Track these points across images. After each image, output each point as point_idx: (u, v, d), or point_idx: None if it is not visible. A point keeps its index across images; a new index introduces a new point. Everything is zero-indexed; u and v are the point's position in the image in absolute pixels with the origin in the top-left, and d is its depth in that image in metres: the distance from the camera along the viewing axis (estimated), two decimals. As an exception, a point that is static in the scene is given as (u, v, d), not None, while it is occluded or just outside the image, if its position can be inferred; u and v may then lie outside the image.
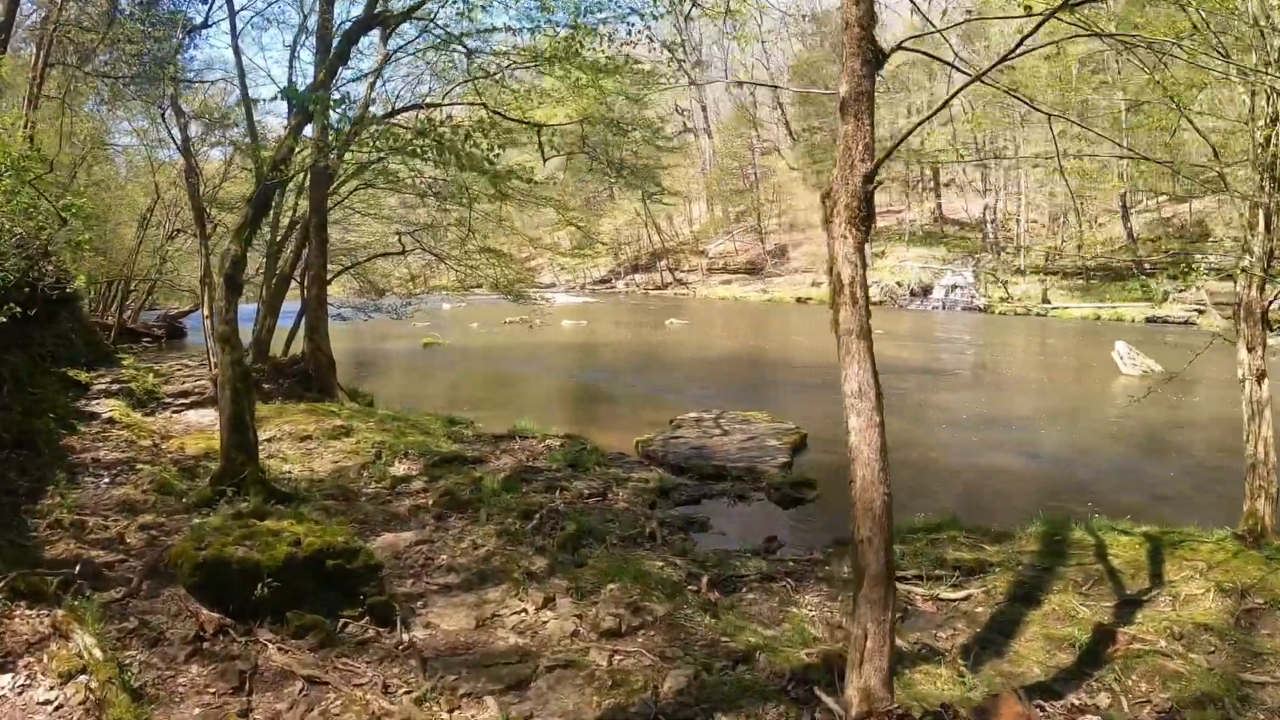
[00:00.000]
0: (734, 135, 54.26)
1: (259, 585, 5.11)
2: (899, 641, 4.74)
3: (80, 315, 16.66)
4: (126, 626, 4.96)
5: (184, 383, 14.77)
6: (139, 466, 8.79)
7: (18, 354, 10.55)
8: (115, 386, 12.31)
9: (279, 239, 17.38)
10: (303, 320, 15.23)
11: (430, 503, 8.49)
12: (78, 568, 5.50)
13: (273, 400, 13.12)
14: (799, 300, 42.87)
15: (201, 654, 4.87)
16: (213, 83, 17.62)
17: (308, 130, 9.71)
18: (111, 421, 10.38)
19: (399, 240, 18.64)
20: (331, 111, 8.58)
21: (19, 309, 8.85)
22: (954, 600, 5.98)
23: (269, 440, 10.35)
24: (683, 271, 53.94)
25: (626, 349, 26.05)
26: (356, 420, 11.84)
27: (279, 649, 5.04)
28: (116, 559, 6.01)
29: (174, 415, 12.14)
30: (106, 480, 8.28)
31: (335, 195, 17.05)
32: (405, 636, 5.48)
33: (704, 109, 59.25)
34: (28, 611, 4.94)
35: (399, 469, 9.93)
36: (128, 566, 5.88)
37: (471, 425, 12.30)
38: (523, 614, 5.80)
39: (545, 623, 5.64)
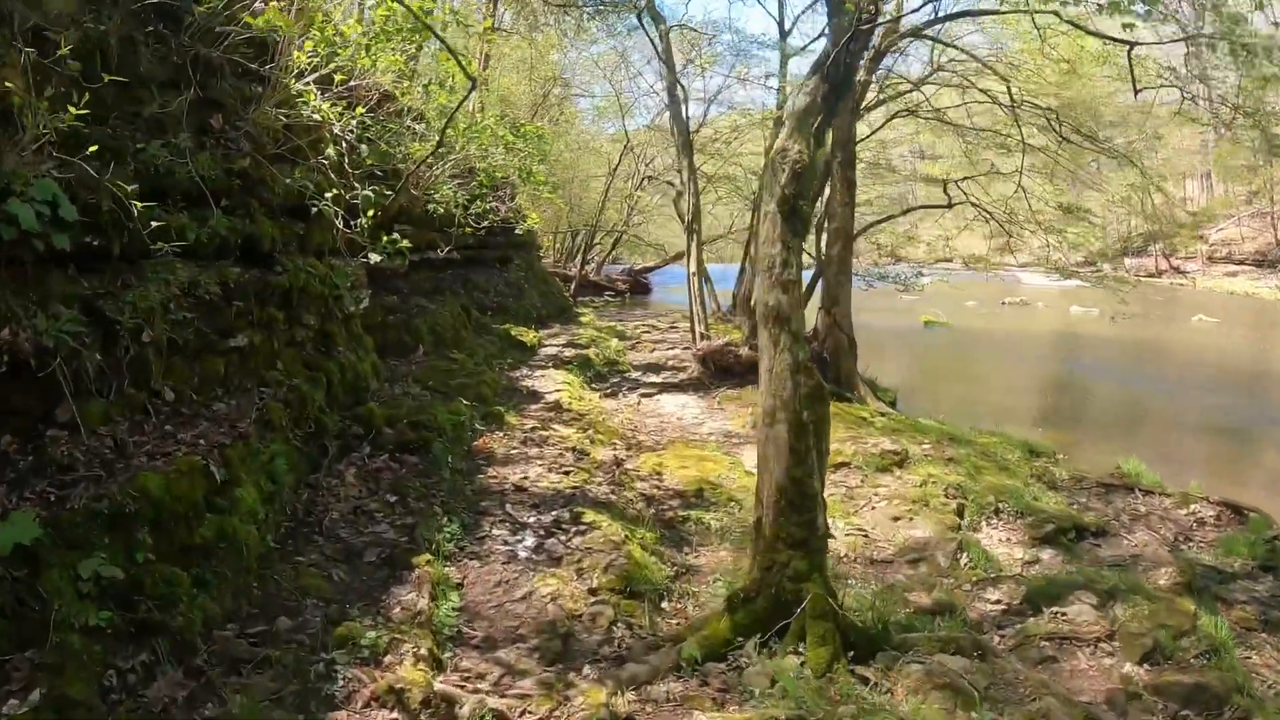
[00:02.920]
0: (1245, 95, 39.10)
1: None
2: None
3: (535, 263, 14.56)
4: None
5: (653, 349, 11.41)
6: (588, 516, 4.72)
7: (448, 302, 7.54)
8: (568, 351, 9.12)
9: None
10: (817, 286, 10.99)
11: (1131, 671, 3.79)
12: None
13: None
14: (1326, 303, 32.00)
15: None
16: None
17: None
18: (556, 409, 6.80)
19: (944, 190, 13.58)
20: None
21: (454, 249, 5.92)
22: None
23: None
24: (1179, 258, 46.18)
25: (1166, 350, 19.54)
26: (904, 438, 7.18)
27: None
28: None
29: (643, 400, 8.45)
30: (528, 543, 4.38)
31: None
32: None
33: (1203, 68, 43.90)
34: None
35: (995, 541, 5.52)
36: None
37: (1057, 458, 8.35)
38: None
39: None
